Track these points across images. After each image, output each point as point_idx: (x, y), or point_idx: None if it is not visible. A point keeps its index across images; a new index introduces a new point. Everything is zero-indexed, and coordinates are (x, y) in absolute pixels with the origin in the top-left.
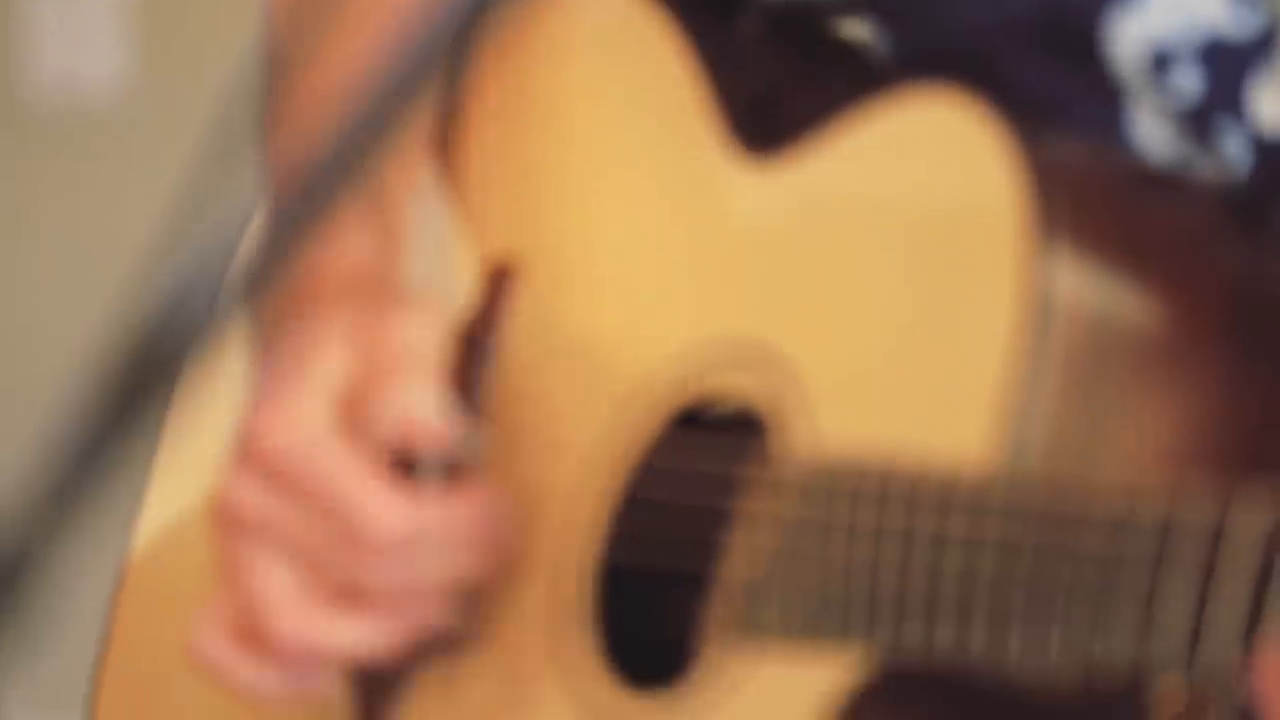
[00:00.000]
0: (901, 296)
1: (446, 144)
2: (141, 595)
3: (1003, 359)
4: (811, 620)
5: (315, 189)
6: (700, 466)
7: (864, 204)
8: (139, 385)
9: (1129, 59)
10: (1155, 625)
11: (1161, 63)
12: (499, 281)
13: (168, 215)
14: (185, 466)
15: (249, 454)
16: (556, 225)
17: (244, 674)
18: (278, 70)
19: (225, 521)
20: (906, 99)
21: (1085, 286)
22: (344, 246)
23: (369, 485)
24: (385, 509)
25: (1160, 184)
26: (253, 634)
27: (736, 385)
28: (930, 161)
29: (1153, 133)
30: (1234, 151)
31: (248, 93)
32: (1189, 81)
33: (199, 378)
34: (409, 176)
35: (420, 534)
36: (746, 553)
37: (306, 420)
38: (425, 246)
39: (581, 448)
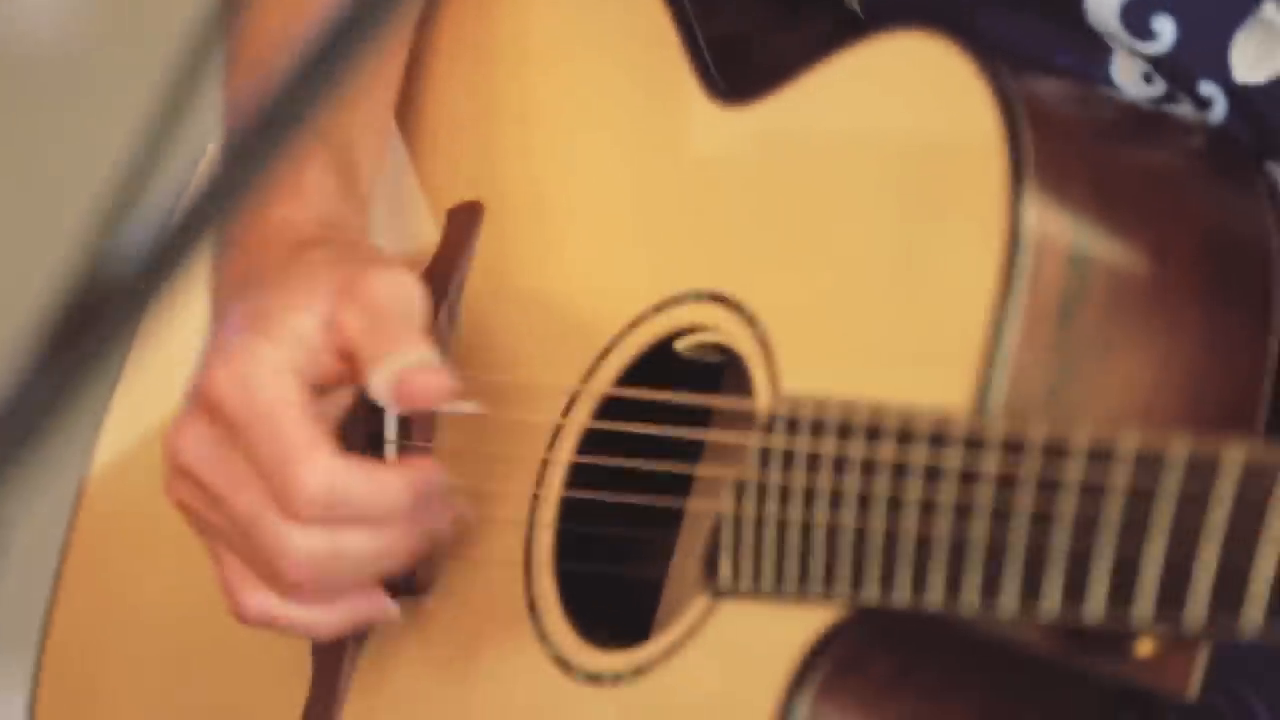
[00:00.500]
0: (875, 236)
1: (408, 87)
2: (95, 533)
3: (980, 300)
4: (777, 566)
5: (266, 130)
6: (666, 402)
7: (839, 143)
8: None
9: (1105, 7)
10: (1136, 560)
11: (1137, 10)
12: (463, 223)
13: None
14: (142, 401)
15: (201, 400)
16: (521, 168)
17: (296, 616)
18: (234, 10)
19: (173, 468)
20: (883, 38)
21: (1061, 227)
22: (305, 192)
23: (311, 442)
24: (318, 462)
25: (1139, 124)
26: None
27: (703, 325)
28: (908, 98)
29: (1130, 80)
30: (1211, 98)
31: (201, 34)
32: (1165, 28)
33: (154, 317)
34: (367, 121)
35: (345, 492)
36: (713, 488)
37: (272, 373)
38: (387, 191)
39: (545, 386)
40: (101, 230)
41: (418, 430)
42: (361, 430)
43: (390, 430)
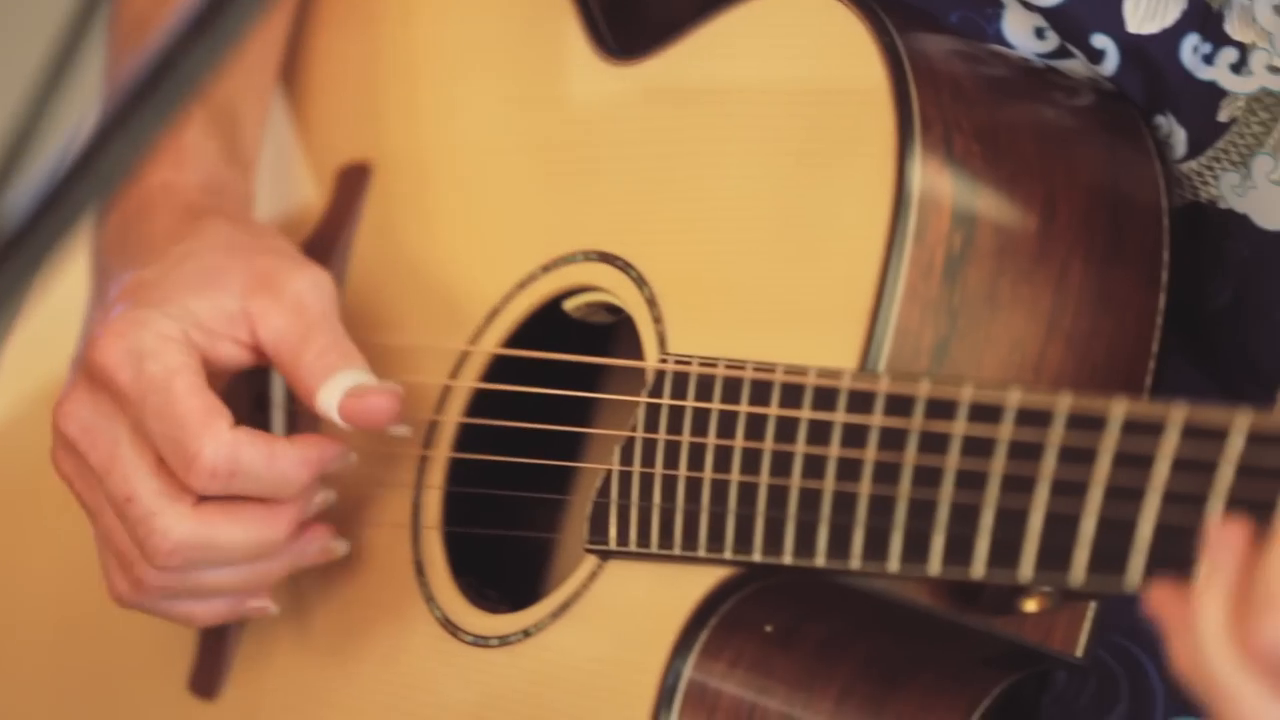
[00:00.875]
0: (762, 194)
1: (294, 48)
2: None
3: (866, 258)
4: (663, 526)
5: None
6: (556, 362)
7: (726, 100)
8: None
9: None
10: (1020, 516)
11: None
12: (350, 184)
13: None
14: (24, 369)
15: (88, 369)
16: (409, 128)
17: (173, 609)
18: None
19: (58, 439)
20: None
21: (947, 183)
22: (186, 156)
23: (207, 414)
24: (217, 436)
25: (1028, 81)
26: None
27: (592, 285)
28: (796, 55)
29: (1021, 35)
30: (1104, 50)
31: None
32: None
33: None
34: (249, 83)
35: (244, 466)
36: (604, 449)
37: (163, 342)
38: (271, 152)
39: (433, 348)
40: None
41: (305, 428)
42: (245, 392)
43: (277, 393)
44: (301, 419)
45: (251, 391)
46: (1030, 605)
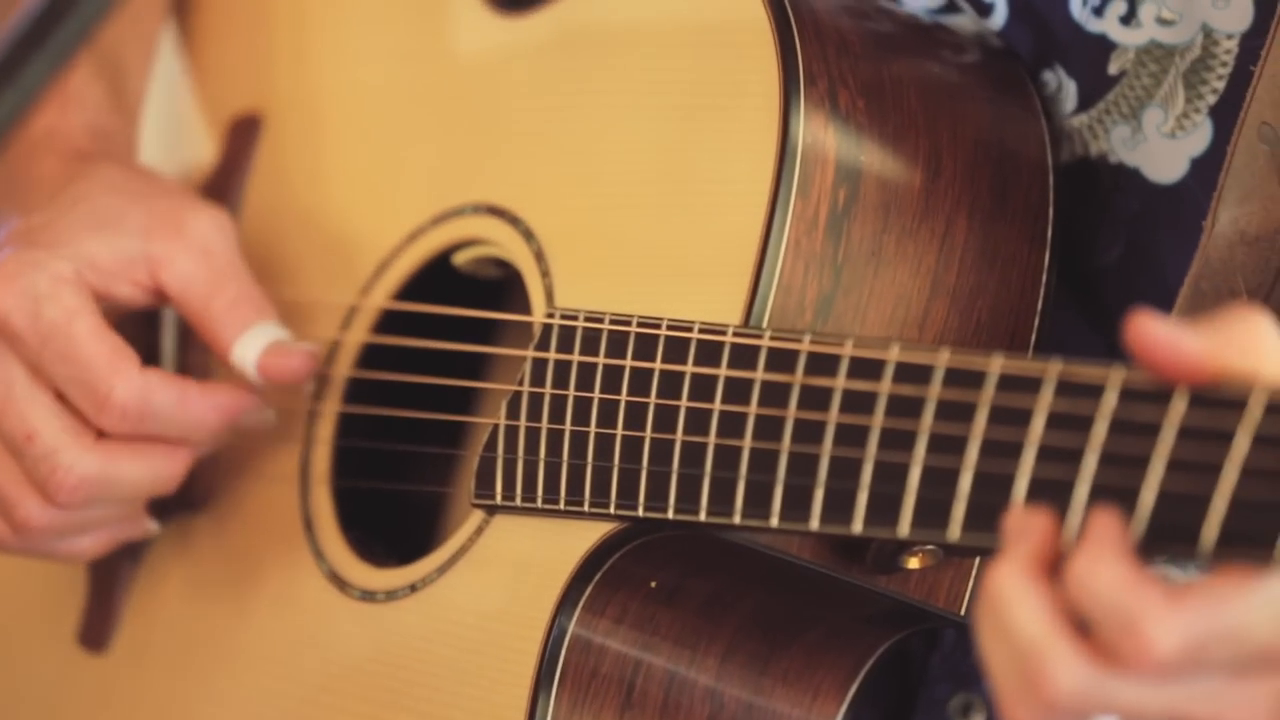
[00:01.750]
0: (647, 148)
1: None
2: None
3: (750, 211)
4: (549, 479)
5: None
6: (443, 317)
7: (613, 51)
8: None
9: None
10: (899, 470)
11: None
12: (241, 136)
13: None
14: None
15: None
16: (299, 78)
17: (55, 550)
18: None
19: None
20: None
21: (832, 137)
22: (71, 101)
23: (114, 355)
24: (128, 378)
25: (915, 37)
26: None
27: (481, 239)
28: (683, 4)
29: None
30: (993, 4)
31: None
32: None
33: None
34: (135, 29)
35: (156, 408)
36: (493, 404)
37: (58, 284)
38: (158, 105)
39: (323, 302)
40: None
41: (195, 345)
42: (134, 342)
43: (169, 344)
44: (192, 370)
45: (142, 341)
46: (913, 563)
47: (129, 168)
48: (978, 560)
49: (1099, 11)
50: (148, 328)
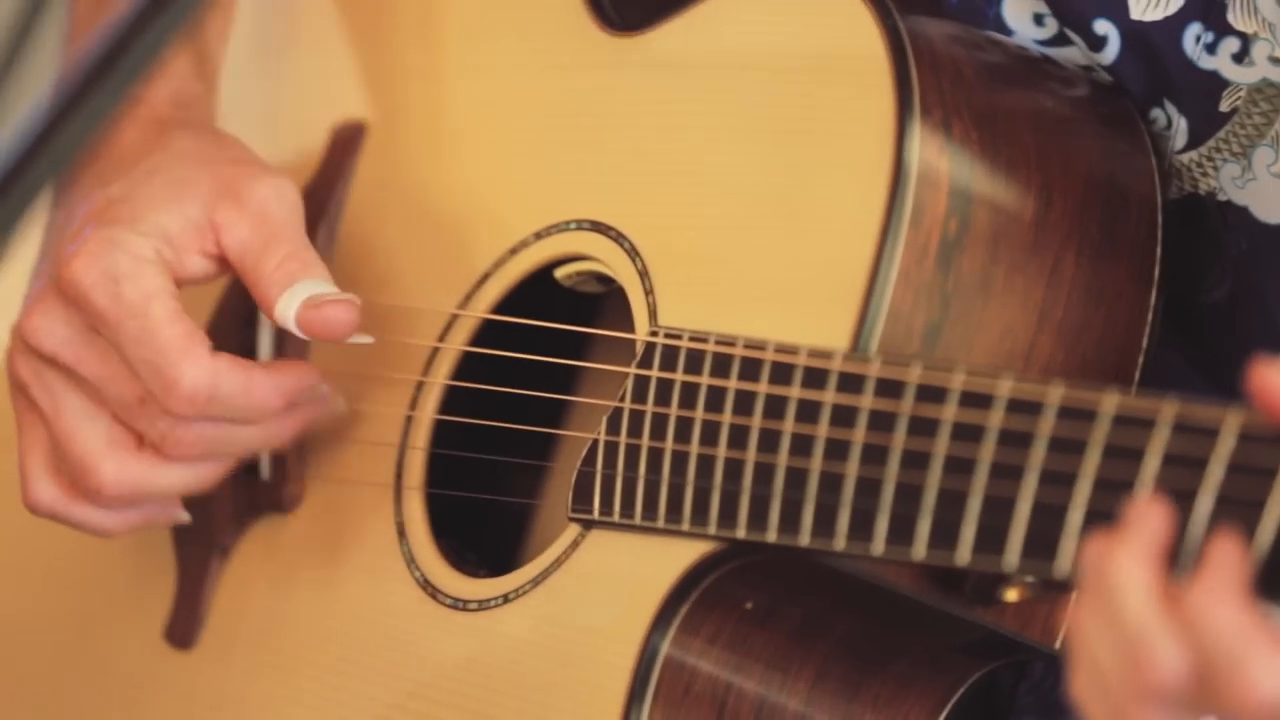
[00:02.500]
0: (759, 169)
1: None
2: None
3: (862, 236)
4: (647, 498)
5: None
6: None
7: (725, 73)
8: None
9: None
10: (1006, 504)
11: None
12: (346, 142)
13: None
14: None
15: (61, 286)
16: (412, 88)
17: (83, 518)
18: None
19: (25, 350)
20: None
21: (945, 163)
22: (161, 73)
23: (186, 340)
24: (197, 364)
25: (1026, 69)
26: (78, 481)
27: (584, 254)
28: (796, 30)
29: (1021, 21)
30: (1106, 36)
31: None
32: None
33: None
34: (218, 8)
35: (222, 394)
36: (589, 418)
37: (139, 264)
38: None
39: (423, 309)
40: None
41: (292, 347)
42: (238, 308)
43: (265, 347)
44: (290, 340)
45: (244, 307)
46: (1011, 595)
47: (201, 134)
48: (1074, 595)
49: (1212, 49)
50: (245, 326)
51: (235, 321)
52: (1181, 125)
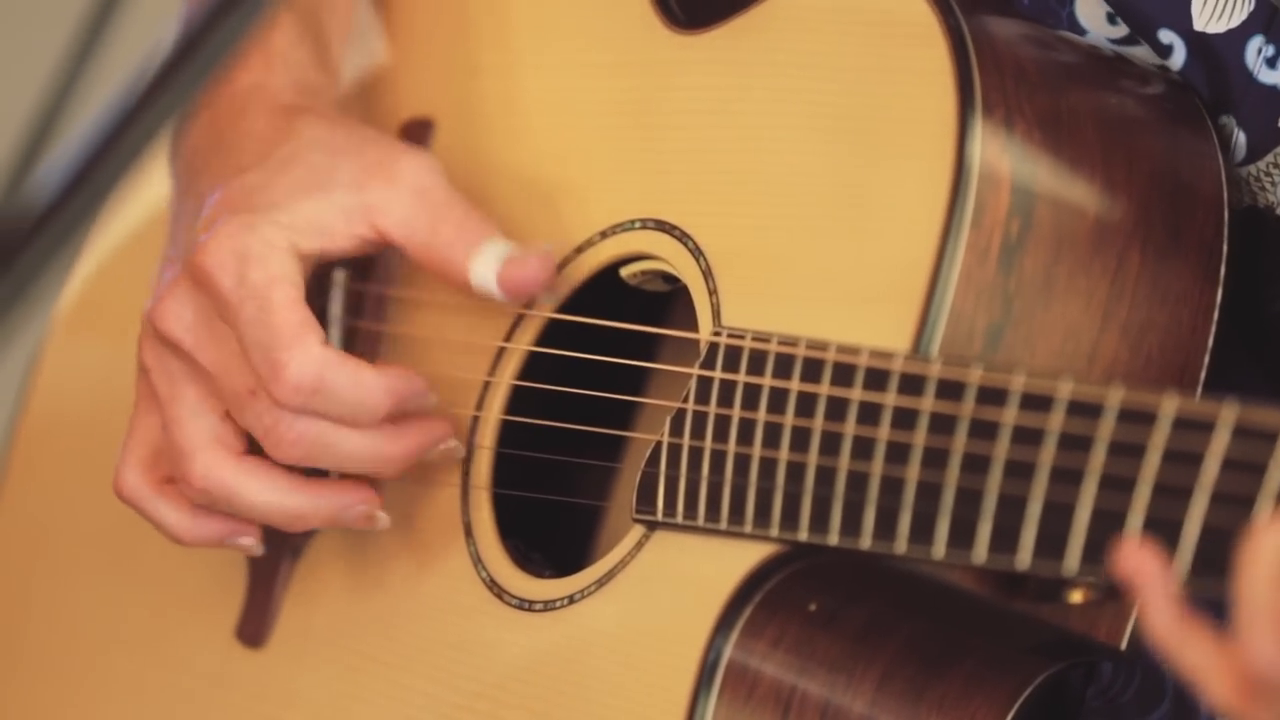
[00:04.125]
0: (821, 168)
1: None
2: (35, 450)
3: (924, 236)
4: (711, 499)
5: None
6: (607, 329)
7: (788, 72)
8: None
9: None
10: (1067, 507)
11: None
12: (413, 139)
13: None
14: (92, 323)
15: (192, 271)
16: (480, 86)
17: (161, 514)
18: None
19: (152, 335)
20: None
21: (1007, 162)
22: (275, 59)
23: (300, 328)
24: (306, 351)
25: (1095, 68)
26: (173, 469)
27: (649, 254)
28: (859, 29)
29: (1094, 20)
30: (1171, 45)
31: None
32: None
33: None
34: (334, 7)
35: (328, 385)
36: (656, 419)
37: (269, 250)
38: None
39: (489, 310)
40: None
41: (363, 349)
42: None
43: (335, 308)
44: (359, 340)
45: (314, 307)
46: (1076, 596)
47: (334, 122)
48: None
49: (1272, 63)
50: (317, 293)
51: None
52: (1240, 139)
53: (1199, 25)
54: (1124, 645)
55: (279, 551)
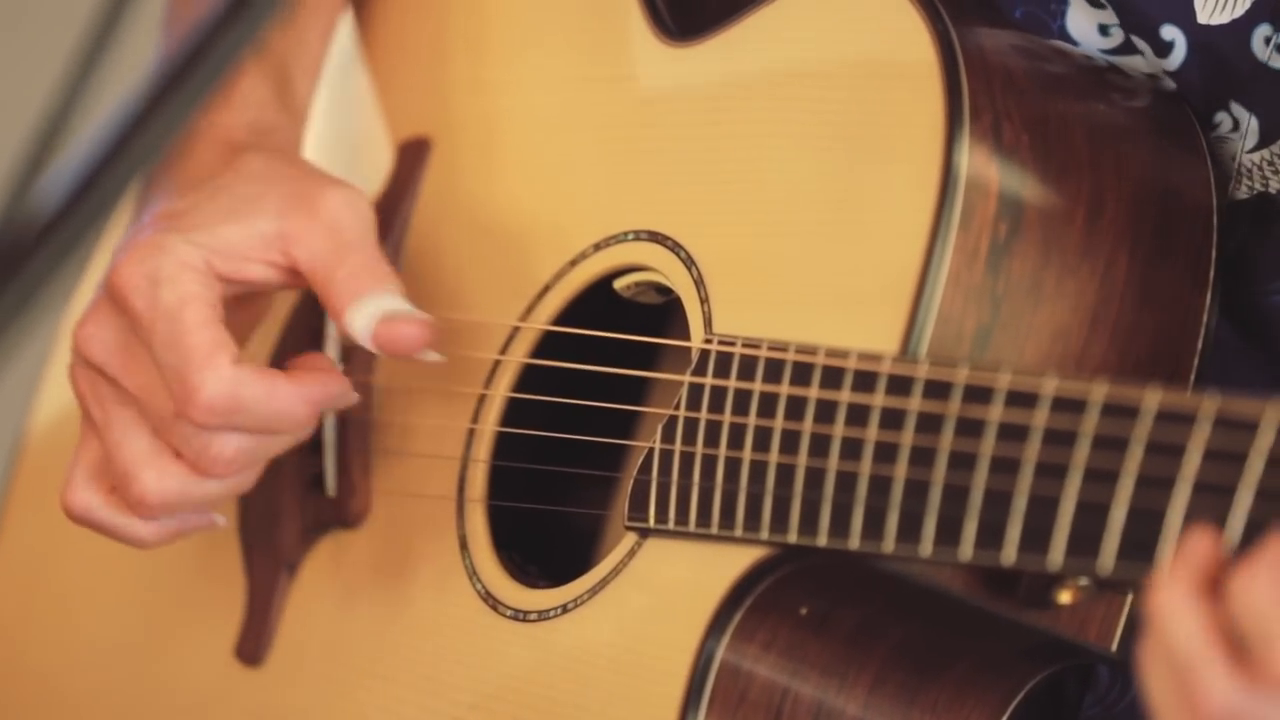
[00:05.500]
0: (809, 176)
1: (363, 17)
2: (37, 467)
3: (911, 241)
4: (701, 504)
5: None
6: (603, 341)
7: (777, 82)
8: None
9: None
10: (1051, 502)
11: None
12: (411, 158)
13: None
14: None
15: (109, 291)
16: (470, 102)
17: (117, 524)
18: None
19: (77, 357)
20: None
21: (995, 169)
22: (235, 100)
23: (212, 347)
24: (217, 372)
25: (1084, 77)
26: (123, 494)
27: (642, 265)
28: (848, 38)
29: (1085, 31)
30: (1173, 41)
31: None
32: None
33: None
34: (303, 36)
35: (244, 404)
36: (652, 427)
37: (181, 270)
38: (331, 122)
39: (485, 322)
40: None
41: (358, 361)
42: (305, 324)
43: (331, 325)
44: (356, 352)
45: (312, 322)
46: (1065, 596)
47: (274, 156)
48: (1130, 596)
49: None
50: (313, 341)
51: (303, 336)
52: (1252, 125)
53: (1203, 18)
54: (1114, 647)
55: (276, 568)
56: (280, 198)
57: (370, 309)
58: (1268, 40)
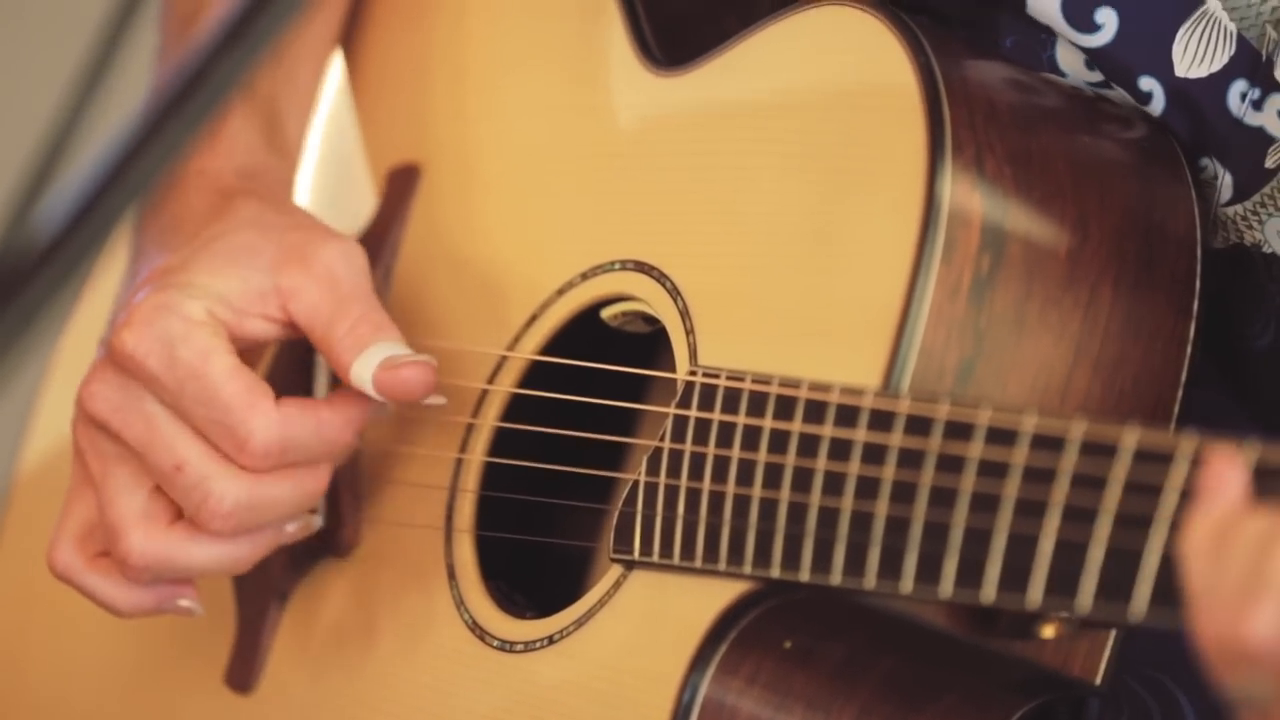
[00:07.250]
0: (794, 207)
1: (348, 51)
2: (29, 498)
3: (893, 274)
4: (685, 537)
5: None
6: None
7: (762, 112)
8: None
9: (1046, 1)
10: (1030, 540)
11: (1080, 3)
12: (400, 185)
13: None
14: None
15: (113, 354)
16: (456, 130)
17: (94, 587)
18: None
19: (84, 417)
20: (810, 9)
21: (978, 200)
22: (223, 144)
23: (250, 395)
24: (265, 416)
25: (1071, 108)
26: (110, 549)
27: (628, 295)
28: (831, 69)
29: (1073, 65)
30: (1151, 92)
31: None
32: (1108, 21)
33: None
34: (292, 75)
35: (296, 441)
36: (638, 459)
37: (190, 326)
38: (324, 156)
39: (472, 351)
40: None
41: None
42: (291, 357)
43: (321, 392)
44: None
45: (296, 357)
46: (1048, 631)
47: (267, 202)
48: (1113, 633)
49: (1259, 105)
50: (303, 373)
51: (293, 367)
52: (1226, 180)
53: (1180, 71)
54: (1099, 680)
55: (266, 597)
56: (275, 250)
57: (372, 358)
58: (1243, 96)
